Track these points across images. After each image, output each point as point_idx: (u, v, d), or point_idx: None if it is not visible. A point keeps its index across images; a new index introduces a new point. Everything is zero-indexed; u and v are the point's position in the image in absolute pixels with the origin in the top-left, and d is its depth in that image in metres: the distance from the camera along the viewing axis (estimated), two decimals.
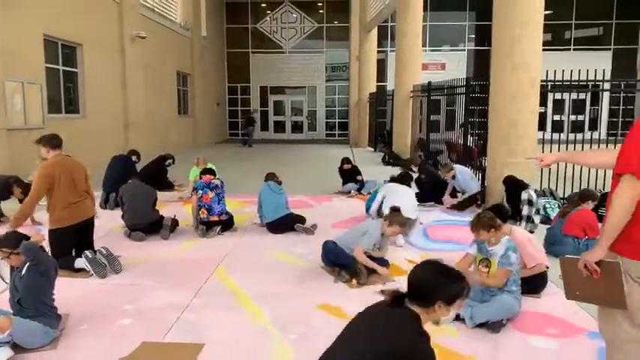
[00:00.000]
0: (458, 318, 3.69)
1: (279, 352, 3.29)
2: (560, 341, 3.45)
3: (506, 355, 3.26)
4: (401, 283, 4.47)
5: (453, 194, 7.98)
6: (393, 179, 6.75)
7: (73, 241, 4.80)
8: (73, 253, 4.81)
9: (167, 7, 18.16)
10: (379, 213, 5.92)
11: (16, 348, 3.17)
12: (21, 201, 6.38)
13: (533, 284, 4.11)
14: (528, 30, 7.14)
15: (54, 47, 11.21)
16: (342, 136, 25.80)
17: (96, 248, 4.87)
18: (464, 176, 7.77)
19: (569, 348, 3.35)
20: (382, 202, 6.04)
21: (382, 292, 4.28)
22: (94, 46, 12.43)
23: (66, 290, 4.30)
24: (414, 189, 7.04)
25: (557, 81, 7.70)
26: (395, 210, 5.02)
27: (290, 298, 4.24)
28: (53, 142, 4.76)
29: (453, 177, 7.74)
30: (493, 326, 3.55)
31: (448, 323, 3.66)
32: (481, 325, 3.60)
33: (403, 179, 6.57)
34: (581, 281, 2.42)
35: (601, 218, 5.09)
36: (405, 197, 5.89)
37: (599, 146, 7.76)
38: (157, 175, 8.90)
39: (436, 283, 2.08)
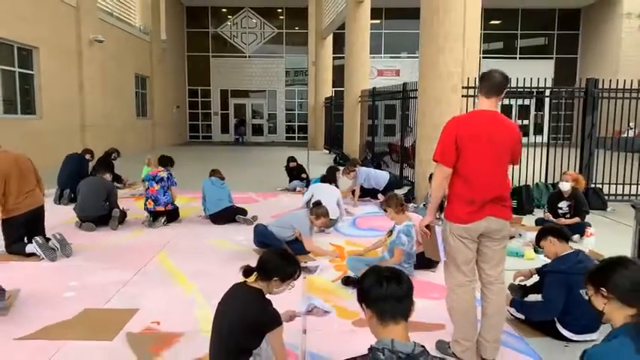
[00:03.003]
0: (357, 285, 4.39)
1: (201, 314, 3.88)
2: (438, 302, 4.17)
3: None
4: (319, 262, 5.16)
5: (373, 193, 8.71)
6: (323, 178, 7.43)
7: (25, 228, 5.26)
8: (25, 240, 5.27)
9: (126, 11, 18.46)
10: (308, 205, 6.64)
11: None
12: None
13: (427, 259, 4.83)
14: (450, 42, 7.95)
15: (9, 50, 11.47)
16: (302, 139, 26.48)
17: (50, 234, 5.34)
18: (368, 175, 8.53)
19: (442, 306, 4.07)
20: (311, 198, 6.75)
21: (303, 268, 5.01)
22: (50, 49, 12.71)
23: (18, 271, 4.81)
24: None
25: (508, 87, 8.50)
26: (317, 204, 5.68)
27: (220, 275, 4.83)
28: None
29: (355, 177, 8.43)
30: None
31: (348, 290, 4.37)
32: None
33: (329, 174, 7.27)
34: (425, 241, 3.17)
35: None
36: (329, 199, 6.53)
37: (541, 150, 8.61)
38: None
39: (276, 264, 2.70)
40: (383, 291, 1.81)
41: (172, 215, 6.84)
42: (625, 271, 1.96)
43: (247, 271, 2.74)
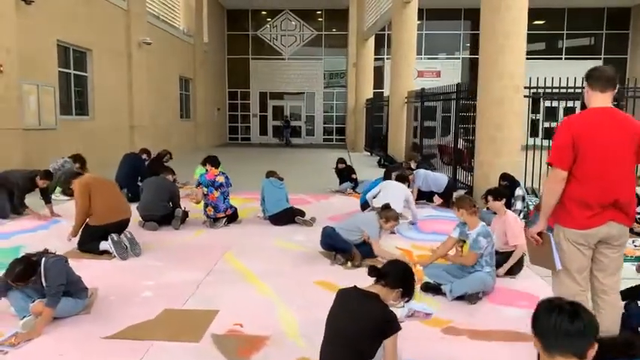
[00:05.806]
0: (440, 292, 4.24)
1: (285, 318, 3.80)
2: (528, 311, 3.97)
3: (479, 320, 3.78)
4: None
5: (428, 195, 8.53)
6: (394, 177, 7.29)
7: (103, 235, 5.26)
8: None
9: (171, 14, 18.76)
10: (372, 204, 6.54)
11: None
12: (44, 189, 6.91)
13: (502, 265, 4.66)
14: (511, 40, 7.70)
15: (66, 52, 11.75)
16: (339, 140, 26.38)
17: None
18: (426, 178, 8.31)
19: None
20: (378, 194, 6.63)
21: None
22: (102, 51, 12.98)
23: (90, 269, 4.81)
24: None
25: (552, 87, 8.22)
26: (387, 207, 5.53)
27: (291, 276, 4.76)
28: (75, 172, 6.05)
29: (413, 180, 8.18)
30: (470, 298, 4.08)
31: (433, 296, 4.21)
32: (460, 298, 4.13)
33: (401, 178, 7.13)
34: (533, 249, 2.99)
35: None
36: (396, 198, 6.40)
37: None
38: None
39: (407, 278, 2.71)
40: (551, 322, 1.70)
41: (232, 216, 6.81)
42: None
43: (376, 274, 2.70)
